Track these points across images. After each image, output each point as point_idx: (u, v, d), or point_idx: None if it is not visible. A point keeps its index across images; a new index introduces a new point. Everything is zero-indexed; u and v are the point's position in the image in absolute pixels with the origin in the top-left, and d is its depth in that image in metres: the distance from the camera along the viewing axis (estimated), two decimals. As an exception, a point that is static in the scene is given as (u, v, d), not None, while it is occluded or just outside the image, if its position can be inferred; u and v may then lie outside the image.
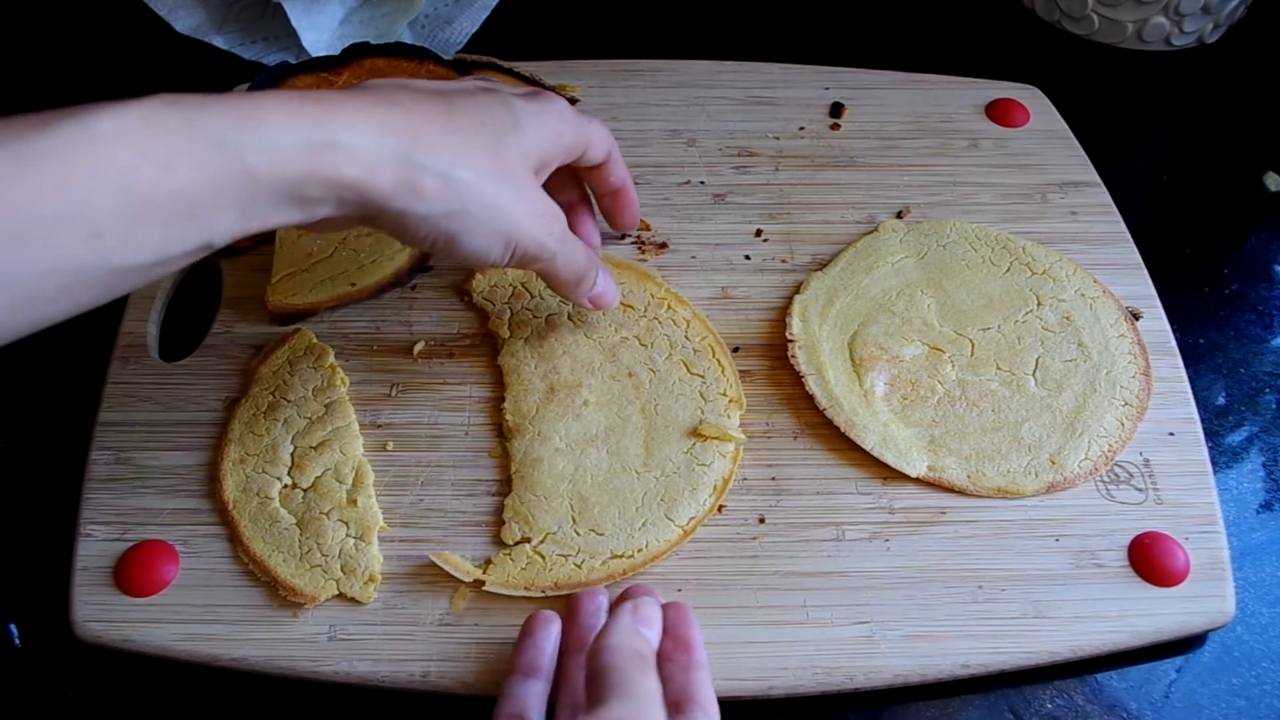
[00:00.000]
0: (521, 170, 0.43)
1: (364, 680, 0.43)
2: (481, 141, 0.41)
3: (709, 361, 0.51)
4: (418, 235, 0.40)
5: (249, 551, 0.46)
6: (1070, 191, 0.61)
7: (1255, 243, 0.64)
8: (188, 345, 0.53)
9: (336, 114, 0.36)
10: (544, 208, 0.44)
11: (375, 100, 0.38)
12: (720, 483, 0.48)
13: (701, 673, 0.39)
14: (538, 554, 0.45)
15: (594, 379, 0.51)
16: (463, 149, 0.40)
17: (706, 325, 0.53)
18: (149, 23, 0.69)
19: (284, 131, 0.35)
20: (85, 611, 0.44)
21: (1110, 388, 0.51)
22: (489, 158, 0.41)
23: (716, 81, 0.67)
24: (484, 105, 0.42)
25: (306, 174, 0.35)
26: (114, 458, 0.49)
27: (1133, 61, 0.73)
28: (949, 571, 0.46)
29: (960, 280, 0.56)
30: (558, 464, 0.48)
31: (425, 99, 0.41)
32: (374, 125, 0.37)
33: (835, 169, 0.62)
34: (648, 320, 0.53)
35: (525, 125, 0.43)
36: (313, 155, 0.35)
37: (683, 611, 0.42)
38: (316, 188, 0.36)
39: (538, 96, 0.46)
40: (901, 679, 0.44)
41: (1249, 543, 0.50)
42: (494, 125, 0.42)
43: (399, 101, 0.39)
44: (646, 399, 0.50)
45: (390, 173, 0.37)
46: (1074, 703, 0.45)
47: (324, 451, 0.49)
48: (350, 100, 0.38)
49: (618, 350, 0.52)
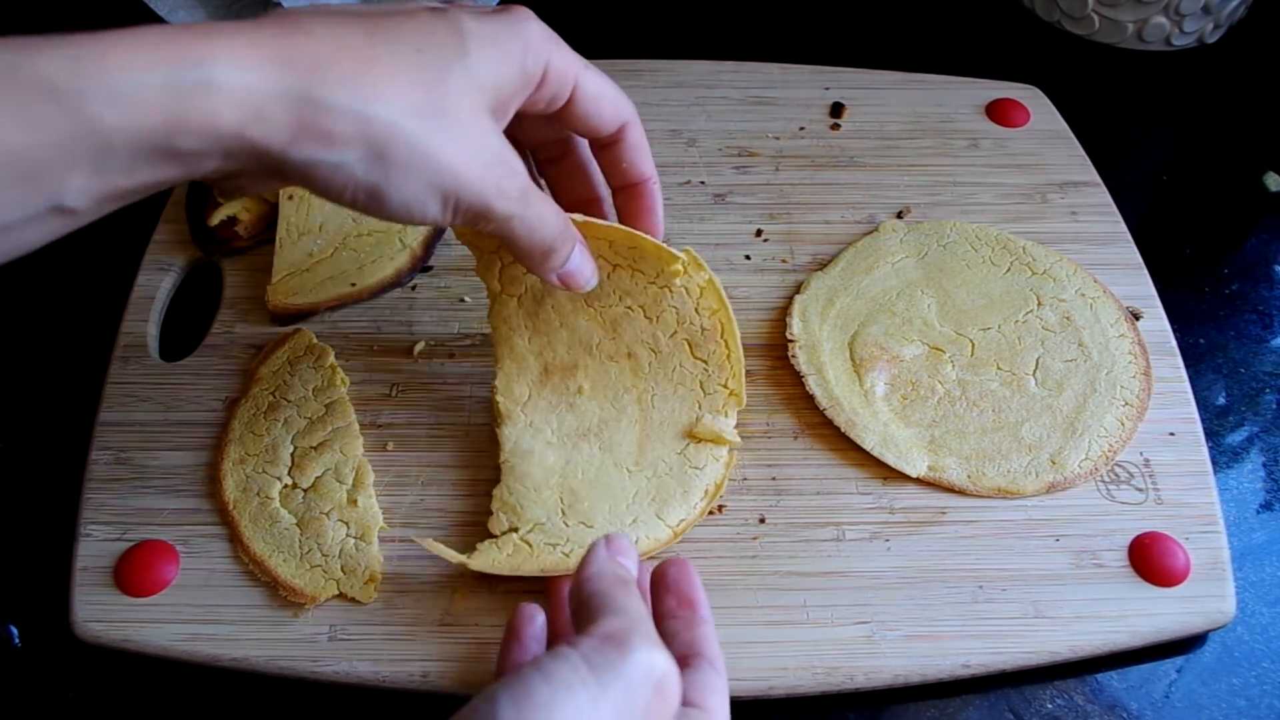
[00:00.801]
0: (467, 107, 0.35)
1: (364, 680, 0.43)
2: (412, 71, 0.34)
3: (715, 344, 0.48)
4: (332, 188, 0.34)
5: (249, 551, 0.46)
6: (1070, 191, 0.61)
7: (1255, 243, 0.64)
8: (188, 345, 0.53)
9: (213, 46, 0.30)
10: (494, 155, 0.36)
11: (273, 28, 0.32)
12: (712, 487, 0.47)
13: (706, 628, 0.37)
14: (525, 542, 0.45)
15: (591, 360, 0.48)
16: (384, 80, 0.33)
17: (720, 297, 0.47)
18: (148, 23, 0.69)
19: (137, 72, 0.29)
20: (85, 611, 0.44)
21: (1110, 388, 0.51)
22: (420, 91, 0.34)
23: (717, 81, 0.67)
24: (421, 27, 0.35)
25: (173, 123, 0.29)
26: (114, 458, 0.49)
27: (1133, 61, 0.73)
28: (949, 571, 0.46)
29: (960, 280, 0.56)
30: (548, 457, 0.47)
31: (342, 22, 0.34)
32: (263, 57, 0.31)
33: (835, 169, 0.62)
34: (656, 288, 0.46)
35: (474, 52, 0.35)
36: (178, 99, 0.29)
37: (684, 569, 0.39)
38: (190, 139, 0.30)
39: (504, 14, 0.37)
40: (902, 679, 0.44)
41: (1249, 543, 0.50)
42: (433, 51, 0.35)
43: (305, 27, 0.32)
44: (644, 388, 0.48)
45: (284, 115, 0.31)
46: (1074, 703, 0.45)
47: (324, 451, 0.49)
48: (237, 30, 0.31)
49: (620, 323, 0.47)
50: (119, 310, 0.54)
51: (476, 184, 0.35)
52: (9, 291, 0.58)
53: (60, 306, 0.58)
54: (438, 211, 0.36)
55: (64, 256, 0.42)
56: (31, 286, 0.56)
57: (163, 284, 0.55)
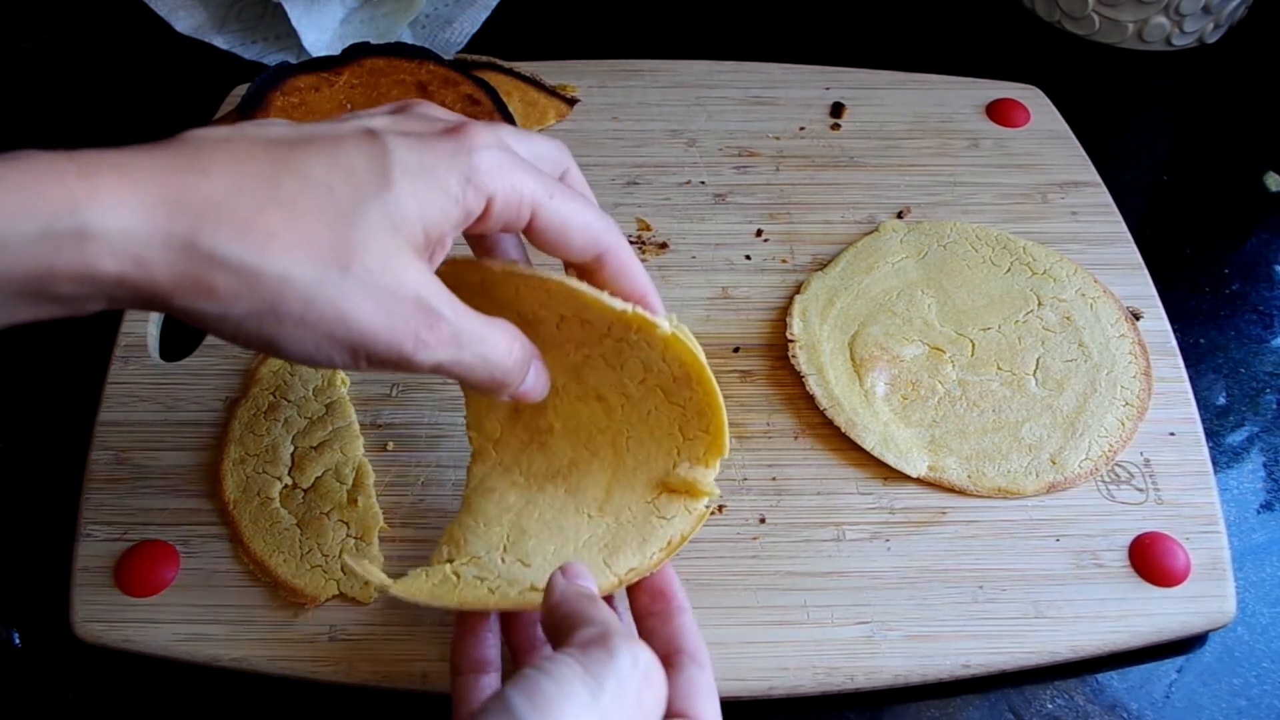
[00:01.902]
0: (381, 251, 0.32)
1: (364, 681, 0.43)
2: (318, 214, 0.31)
3: (690, 390, 0.42)
4: (223, 335, 0.32)
5: (249, 552, 0.46)
6: (1070, 191, 0.61)
7: (1256, 243, 0.64)
8: (188, 345, 0.53)
9: (94, 186, 0.28)
10: (411, 305, 0.32)
11: (167, 161, 0.30)
12: (677, 539, 0.42)
13: (684, 618, 0.37)
14: (454, 573, 0.42)
15: (560, 400, 0.43)
16: (282, 228, 0.30)
17: (688, 349, 0.41)
18: (149, 23, 0.69)
19: (7, 220, 0.27)
20: (85, 612, 0.44)
21: (1111, 388, 0.51)
22: (325, 236, 0.31)
23: (717, 81, 0.67)
24: (340, 159, 0.32)
25: (48, 270, 0.28)
26: (114, 458, 0.49)
27: (1133, 61, 0.73)
28: (949, 571, 0.46)
29: (961, 280, 0.56)
30: (509, 496, 0.44)
31: (248, 154, 0.31)
32: (148, 200, 0.28)
33: (836, 169, 0.62)
34: (612, 340, 0.41)
35: (399, 186, 0.32)
36: (52, 248, 0.27)
37: None
38: (68, 285, 0.28)
39: (448, 140, 0.34)
40: (902, 679, 0.44)
41: (1249, 543, 0.50)
42: (346, 189, 0.31)
43: (202, 164, 0.30)
44: (618, 430, 0.43)
45: (165, 264, 0.29)
46: (1074, 703, 0.45)
47: (324, 452, 0.48)
48: (124, 165, 0.29)
49: (582, 370, 0.42)
50: (119, 310, 0.54)
51: (386, 336, 0.32)
52: None
53: (60, 306, 0.57)
54: (347, 363, 0.33)
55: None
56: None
57: (163, 284, 0.55)
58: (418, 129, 0.34)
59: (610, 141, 0.63)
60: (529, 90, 0.65)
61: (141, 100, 0.69)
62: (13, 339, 0.57)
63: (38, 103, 0.69)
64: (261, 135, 0.32)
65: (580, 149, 0.62)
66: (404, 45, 0.64)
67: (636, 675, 0.31)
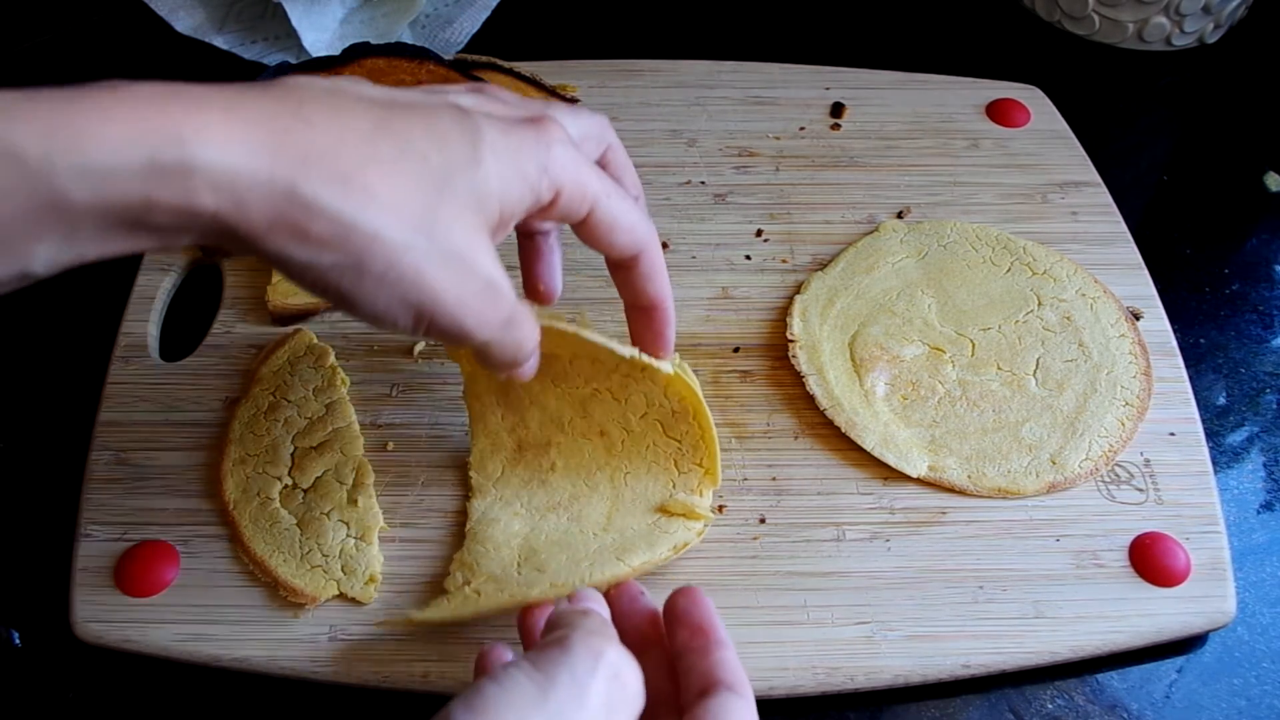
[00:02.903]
0: (464, 226, 0.33)
1: (364, 680, 0.43)
2: (413, 180, 0.31)
3: (688, 424, 0.45)
4: (304, 282, 0.32)
5: (249, 552, 0.46)
6: (1070, 191, 0.61)
7: (1256, 243, 0.64)
8: (188, 345, 0.53)
9: (202, 122, 0.28)
10: (481, 282, 0.33)
11: (273, 106, 0.30)
12: (680, 545, 0.45)
13: (724, 651, 0.35)
14: (475, 592, 0.43)
15: (564, 437, 0.46)
16: (379, 186, 0.31)
17: (688, 385, 0.44)
18: (149, 23, 0.69)
19: (113, 148, 0.27)
20: (85, 612, 0.44)
21: (1111, 388, 0.51)
22: (417, 202, 0.31)
23: (717, 81, 0.67)
24: (436, 130, 0.33)
25: (147, 202, 0.27)
26: (114, 458, 0.49)
27: (1133, 61, 0.73)
28: (950, 572, 0.46)
29: (961, 280, 0.56)
30: (514, 524, 0.46)
31: (351, 110, 0.31)
32: (254, 141, 0.29)
33: (836, 169, 0.62)
34: (620, 376, 0.45)
35: (486, 165, 0.33)
36: (155, 180, 0.27)
37: (692, 596, 0.37)
38: (164, 216, 0.28)
39: (531, 127, 0.35)
40: (902, 679, 0.44)
41: (1250, 543, 0.50)
42: (440, 160, 0.32)
43: (307, 114, 0.30)
44: (616, 465, 0.46)
45: (263, 205, 0.29)
46: (1075, 703, 0.45)
47: (324, 452, 0.48)
48: (232, 104, 0.29)
49: (589, 404, 0.46)
50: (119, 310, 0.54)
51: (454, 309, 0.33)
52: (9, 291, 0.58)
53: (60, 306, 0.57)
54: (409, 326, 0.34)
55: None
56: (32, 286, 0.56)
57: (163, 284, 0.55)
58: (500, 112, 0.35)
59: (610, 141, 0.63)
60: (529, 90, 0.65)
61: (141, 100, 0.69)
62: (13, 339, 0.57)
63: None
64: (361, 93, 0.33)
65: (580, 149, 0.63)
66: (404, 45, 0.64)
67: (599, 673, 0.30)
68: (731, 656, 0.35)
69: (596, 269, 0.50)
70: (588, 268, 0.54)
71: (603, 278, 0.55)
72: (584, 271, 0.55)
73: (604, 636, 0.32)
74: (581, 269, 0.55)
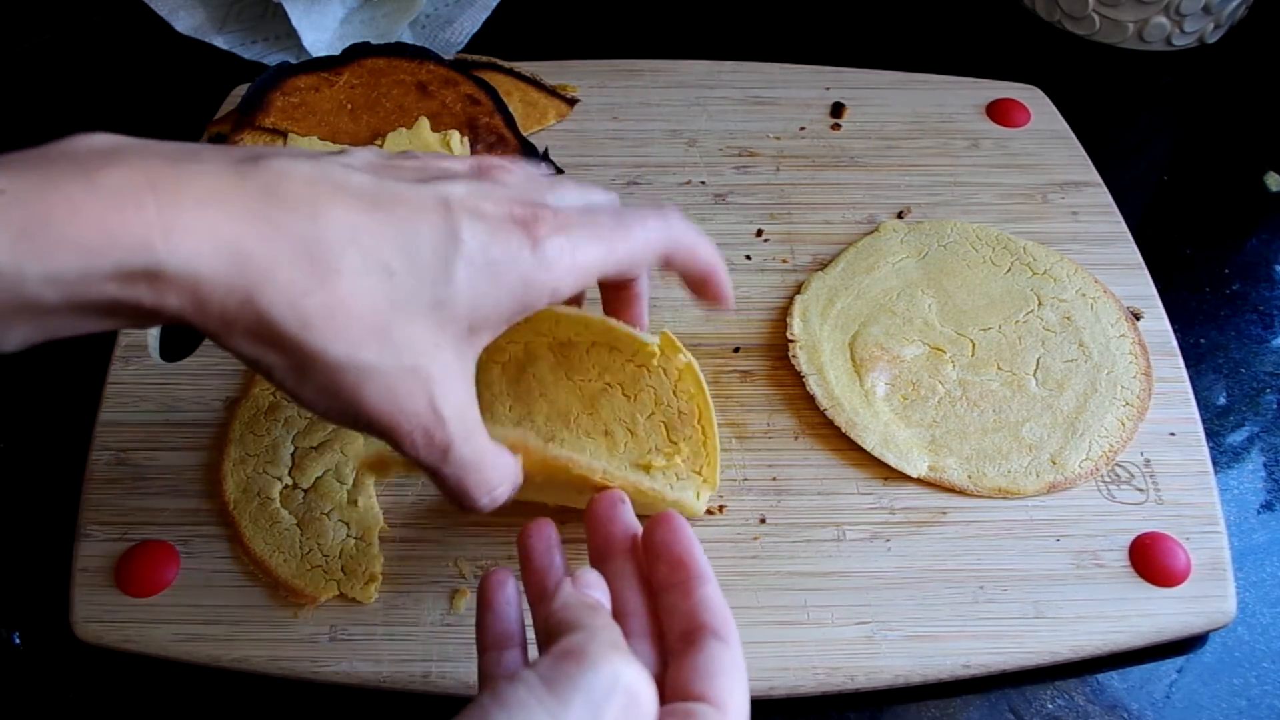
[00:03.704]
0: (423, 343, 0.32)
1: (365, 681, 0.43)
2: (372, 294, 0.31)
3: (693, 428, 0.45)
4: (257, 371, 0.33)
5: (250, 552, 0.46)
6: (1071, 191, 0.61)
7: (1256, 243, 0.64)
8: (188, 345, 0.53)
9: (173, 221, 0.28)
10: (426, 407, 0.33)
11: (244, 204, 0.30)
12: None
13: (706, 588, 0.34)
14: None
15: (568, 434, 0.45)
16: (334, 301, 0.31)
17: (698, 381, 0.45)
18: (149, 23, 0.69)
19: (82, 258, 0.27)
20: (85, 612, 0.44)
21: (1111, 388, 0.51)
22: (370, 318, 0.31)
23: (717, 81, 0.67)
24: (411, 237, 0.32)
25: (114, 301, 0.28)
26: (114, 458, 0.49)
27: (1133, 61, 0.73)
28: (950, 572, 0.46)
29: (961, 280, 0.56)
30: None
31: (326, 210, 0.31)
32: (220, 244, 0.29)
33: (836, 169, 0.62)
34: (634, 366, 0.45)
35: (459, 277, 0.33)
36: (122, 284, 0.28)
37: (670, 525, 0.36)
38: (131, 311, 0.29)
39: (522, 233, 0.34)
40: (902, 679, 0.44)
41: (1250, 543, 0.50)
42: (408, 272, 0.32)
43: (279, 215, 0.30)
44: (623, 462, 0.45)
45: (221, 311, 0.30)
46: (1075, 703, 0.45)
47: (324, 452, 0.48)
48: (206, 197, 0.29)
49: (598, 400, 0.45)
50: (119, 310, 0.54)
51: (392, 431, 0.33)
52: None
53: (60, 306, 0.57)
54: (353, 429, 0.34)
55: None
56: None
57: (163, 284, 0.55)
58: (492, 211, 0.34)
59: (610, 141, 0.63)
60: (529, 90, 0.65)
61: (141, 100, 0.69)
62: (13, 339, 0.57)
63: (38, 103, 0.69)
64: (344, 185, 0.32)
65: (580, 149, 0.63)
66: (404, 45, 0.64)
67: (616, 696, 0.29)
68: (714, 593, 0.34)
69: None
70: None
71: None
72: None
73: (620, 651, 0.30)
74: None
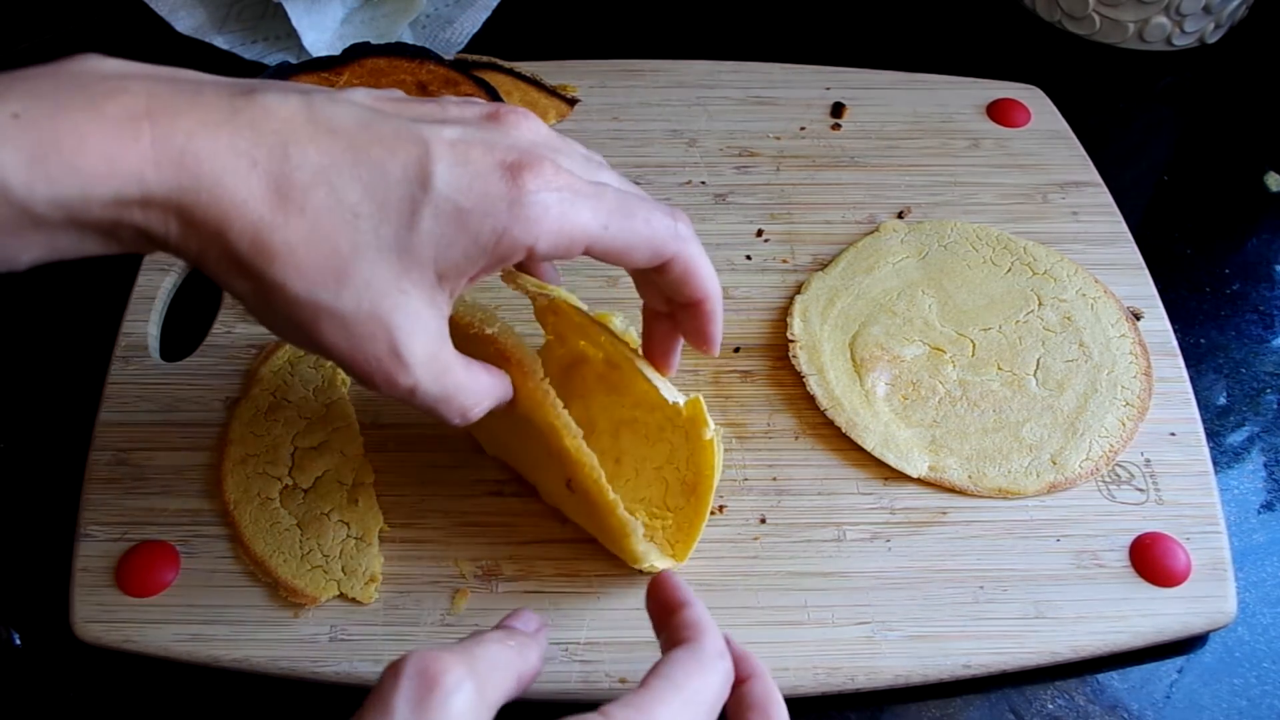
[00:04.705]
0: (380, 288, 0.33)
1: (365, 681, 0.43)
2: (334, 235, 0.32)
3: (686, 503, 0.44)
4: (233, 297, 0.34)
5: (250, 552, 0.46)
6: (1071, 191, 0.61)
7: (1256, 243, 0.64)
8: (188, 345, 0.53)
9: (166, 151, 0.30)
10: (386, 349, 0.34)
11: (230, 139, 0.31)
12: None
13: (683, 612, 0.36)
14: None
15: (585, 442, 0.44)
16: (296, 238, 0.32)
17: (712, 462, 0.43)
18: (149, 23, 0.69)
19: (84, 184, 0.29)
20: (86, 612, 0.44)
21: (1111, 388, 0.51)
22: (331, 261, 0.32)
23: (717, 81, 0.67)
24: (380, 180, 0.32)
25: (114, 223, 0.30)
26: (114, 458, 0.49)
27: (1134, 61, 0.73)
28: (950, 572, 0.46)
29: (961, 280, 0.56)
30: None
31: (308, 144, 0.32)
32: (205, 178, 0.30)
33: (836, 169, 0.62)
34: (662, 414, 0.43)
35: (425, 225, 0.33)
36: (119, 209, 0.30)
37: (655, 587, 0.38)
38: (129, 234, 0.31)
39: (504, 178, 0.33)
40: (903, 679, 0.43)
41: (1250, 543, 0.50)
42: (371, 220, 0.32)
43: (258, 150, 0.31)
44: (620, 495, 0.43)
45: (199, 239, 0.31)
46: (1075, 703, 0.44)
47: (324, 452, 0.48)
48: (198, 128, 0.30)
49: (622, 430, 0.45)
50: (119, 310, 0.54)
51: (350, 365, 0.34)
52: (9, 291, 0.58)
53: (60, 306, 0.57)
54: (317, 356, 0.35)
55: (64, 256, 0.42)
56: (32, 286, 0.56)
57: (163, 284, 0.55)
58: (479, 158, 0.34)
59: (611, 141, 0.63)
60: (529, 90, 0.65)
61: (141, 100, 0.69)
62: (13, 339, 0.57)
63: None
64: (328, 121, 0.33)
65: (580, 149, 0.63)
66: (404, 45, 0.64)
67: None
68: (687, 614, 0.35)
69: (596, 269, 0.50)
70: (588, 268, 0.54)
71: (603, 277, 0.55)
72: (584, 272, 0.55)
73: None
74: (580, 269, 0.55)
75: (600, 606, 0.45)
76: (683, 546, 0.44)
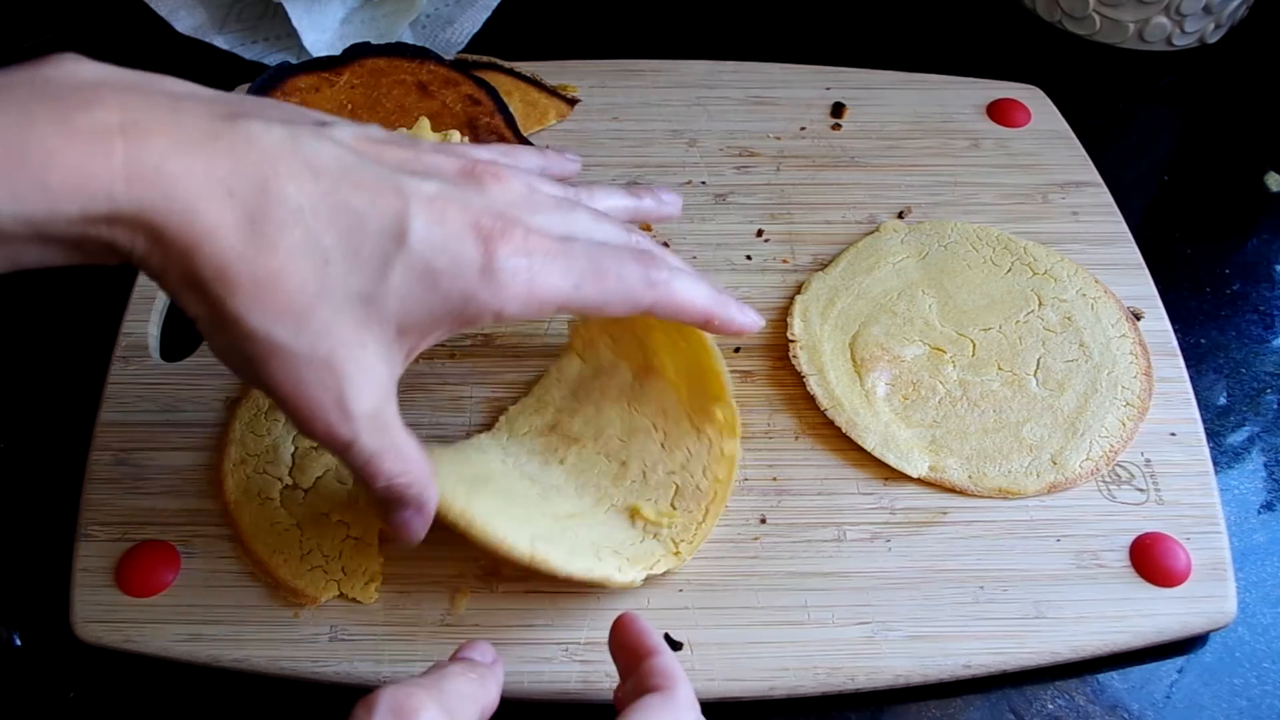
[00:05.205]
0: (343, 335, 0.33)
1: (365, 681, 0.43)
2: (303, 277, 0.32)
3: (697, 509, 0.45)
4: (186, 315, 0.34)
5: (250, 552, 0.46)
6: (1071, 191, 0.61)
7: (1256, 243, 0.64)
8: (188, 345, 0.53)
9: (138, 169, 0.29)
10: (333, 399, 0.33)
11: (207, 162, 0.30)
12: (600, 579, 0.42)
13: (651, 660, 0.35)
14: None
15: (590, 446, 0.46)
16: (263, 274, 0.31)
17: (730, 475, 0.46)
18: (149, 23, 0.69)
19: (51, 203, 0.28)
20: (86, 612, 0.44)
21: (1112, 388, 0.51)
22: (295, 300, 0.32)
23: (717, 81, 0.67)
24: (356, 231, 0.32)
25: (80, 239, 0.30)
26: (114, 458, 0.49)
27: (1134, 61, 0.73)
28: (950, 572, 0.46)
29: (961, 280, 0.56)
30: (493, 463, 0.45)
31: (289, 180, 0.31)
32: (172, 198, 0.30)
33: (836, 169, 0.62)
34: (689, 423, 0.46)
35: (394, 280, 0.33)
36: (87, 225, 0.29)
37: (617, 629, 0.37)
38: (95, 248, 0.30)
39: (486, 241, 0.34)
40: (903, 679, 0.43)
41: (1250, 543, 0.50)
42: (342, 269, 0.32)
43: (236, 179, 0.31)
44: (615, 498, 0.46)
45: (163, 260, 0.31)
46: (1075, 703, 0.45)
47: (324, 452, 0.48)
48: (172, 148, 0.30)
49: (635, 436, 0.46)
50: (119, 310, 0.54)
51: (293, 409, 0.33)
52: (9, 291, 0.58)
53: (60, 306, 0.57)
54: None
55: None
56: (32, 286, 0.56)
57: (163, 284, 0.55)
58: (455, 218, 0.34)
59: (611, 141, 0.63)
60: (529, 90, 0.65)
61: (142, 100, 0.69)
62: (13, 339, 0.57)
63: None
64: (312, 158, 0.32)
65: (581, 149, 0.63)
66: (404, 45, 0.64)
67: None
68: (658, 661, 0.35)
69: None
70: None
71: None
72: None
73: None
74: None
75: (600, 606, 0.45)
76: (688, 547, 0.45)
